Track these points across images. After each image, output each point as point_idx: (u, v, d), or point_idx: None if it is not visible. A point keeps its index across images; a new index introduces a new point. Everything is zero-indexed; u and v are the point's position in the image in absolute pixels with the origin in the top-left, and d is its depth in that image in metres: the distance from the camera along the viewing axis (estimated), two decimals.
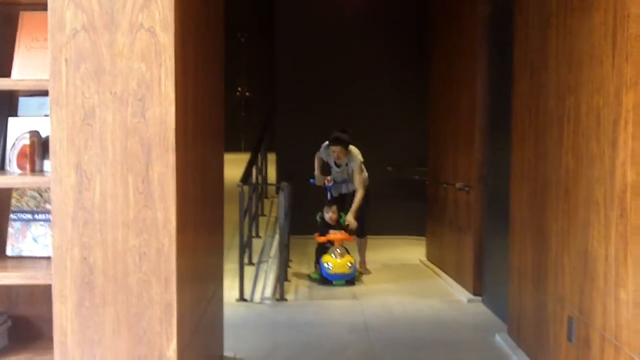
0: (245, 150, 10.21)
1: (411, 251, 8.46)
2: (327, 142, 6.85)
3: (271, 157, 9.68)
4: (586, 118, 3.20)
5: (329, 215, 6.76)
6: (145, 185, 2.41)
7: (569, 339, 3.42)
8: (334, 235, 6.64)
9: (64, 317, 2.44)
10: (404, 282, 6.80)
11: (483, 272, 5.77)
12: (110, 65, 2.39)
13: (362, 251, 7.10)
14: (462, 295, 6.02)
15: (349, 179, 6.95)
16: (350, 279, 6.44)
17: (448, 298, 6.05)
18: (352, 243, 6.93)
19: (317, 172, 7.11)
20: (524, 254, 4.26)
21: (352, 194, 6.89)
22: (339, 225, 6.78)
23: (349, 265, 6.44)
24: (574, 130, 3.37)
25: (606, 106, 2.97)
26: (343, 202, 7.05)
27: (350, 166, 6.84)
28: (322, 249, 6.64)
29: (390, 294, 6.15)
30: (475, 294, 5.89)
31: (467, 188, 6.13)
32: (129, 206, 2.41)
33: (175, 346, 2.44)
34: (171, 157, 2.41)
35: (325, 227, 6.78)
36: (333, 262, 6.42)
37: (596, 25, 3.09)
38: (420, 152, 8.40)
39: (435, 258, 7.52)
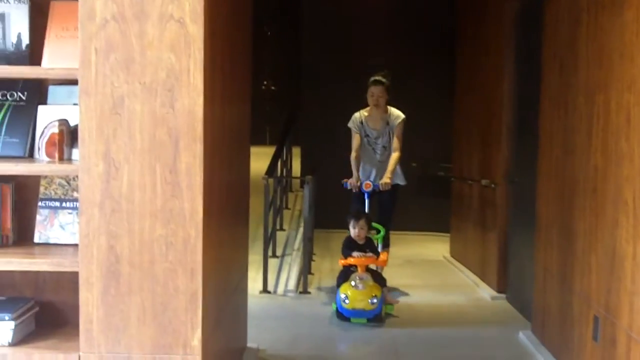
0: (271, 143, 10.25)
1: (434, 247, 8.44)
2: (358, 112, 5.78)
3: (296, 151, 9.69)
4: (616, 116, 3.16)
5: (356, 231, 5.23)
6: (172, 176, 2.42)
7: (594, 338, 3.39)
8: (358, 259, 5.09)
9: (90, 305, 2.46)
10: (427, 277, 6.78)
11: (508, 270, 5.73)
12: (140, 56, 2.40)
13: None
14: (485, 292, 6.00)
15: (388, 157, 5.63)
16: (373, 317, 4.91)
17: (472, 295, 6.02)
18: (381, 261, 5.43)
19: (354, 150, 5.70)
20: (550, 252, 4.22)
21: (388, 195, 5.63)
22: (369, 243, 5.30)
23: (372, 300, 4.87)
24: (603, 128, 3.33)
25: (637, 105, 2.93)
26: (379, 205, 5.71)
27: (390, 126, 5.65)
28: (346, 275, 5.14)
29: (413, 289, 6.13)
30: (499, 291, 5.86)
31: (493, 185, 6.09)
32: (157, 196, 2.43)
33: (200, 335, 2.46)
34: (199, 148, 2.42)
35: (349, 246, 5.25)
36: (352, 294, 4.90)
37: (628, 22, 3.05)
38: (445, 149, 8.35)
39: (459, 255, 7.48)
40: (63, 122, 2.61)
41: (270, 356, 4.19)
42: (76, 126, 2.62)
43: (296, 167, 9.73)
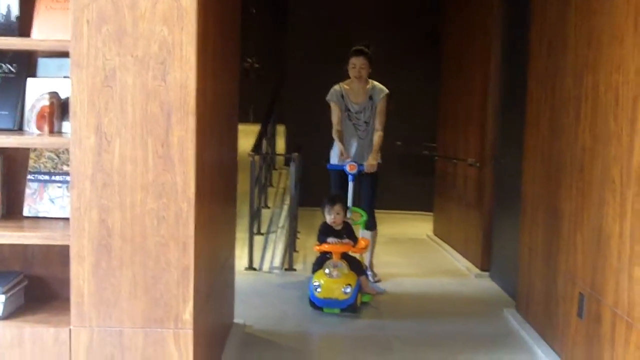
0: (254, 121, 10.19)
1: (418, 226, 8.49)
2: (337, 85, 5.48)
3: (280, 129, 9.67)
4: (604, 96, 3.18)
5: (332, 217, 4.94)
6: (164, 149, 2.42)
7: (579, 315, 3.44)
8: (333, 245, 4.82)
9: (80, 278, 2.46)
10: (412, 255, 6.83)
11: (492, 248, 5.78)
12: (132, 28, 2.39)
13: (370, 248, 5.46)
14: (469, 270, 6.05)
15: (370, 133, 5.38)
16: (346, 307, 4.64)
17: (456, 272, 6.08)
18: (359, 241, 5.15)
19: (336, 124, 5.40)
20: (535, 230, 4.27)
21: (371, 176, 5.36)
22: (346, 229, 5.02)
23: (346, 289, 4.61)
24: (592, 108, 3.35)
25: (625, 84, 2.95)
26: (359, 187, 5.41)
27: (374, 100, 5.36)
28: (321, 262, 4.87)
29: (398, 267, 6.17)
30: (482, 269, 5.91)
31: (478, 164, 6.12)
32: (148, 169, 2.42)
33: (191, 309, 2.47)
34: (191, 122, 2.42)
35: (325, 232, 4.97)
36: (325, 282, 4.65)
37: (618, 4, 3.06)
38: (429, 128, 8.37)
39: (443, 233, 7.53)
40: (54, 95, 2.59)
41: (258, 332, 4.21)
42: (66, 99, 2.61)
43: (280, 144, 9.71)
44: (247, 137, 6.88)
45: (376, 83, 5.43)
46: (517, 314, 4.59)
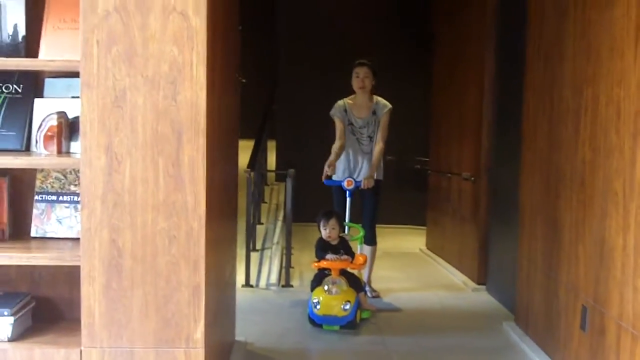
0: (243, 137, 10.20)
1: (411, 240, 8.50)
2: (341, 100, 5.50)
3: (270, 145, 9.67)
4: (605, 110, 3.22)
5: (327, 232, 4.91)
6: (175, 169, 2.42)
7: (582, 327, 3.45)
8: (331, 262, 4.80)
9: (91, 299, 2.45)
10: (406, 270, 6.83)
11: (488, 262, 5.80)
12: (142, 48, 2.39)
13: (369, 264, 5.44)
14: (465, 284, 6.06)
15: (372, 147, 5.38)
16: (346, 324, 4.62)
17: (452, 286, 6.09)
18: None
19: (338, 141, 5.39)
20: (534, 243, 4.29)
21: (372, 192, 5.36)
22: (342, 243, 4.99)
23: (345, 306, 4.60)
24: (592, 121, 3.38)
25: (627, 98, 2.98)
26: (362, 204, 5.42)
27: (378, 115, 5.39)
28: (320, 278, 4.86)
29: (394, 281, 6.18)
30: (479, 282, 5.92)
31: (472, 178, 6.15)
32: (159, 189, 2.42)
33: (202, 328, 2.47)
34: (202, 141, 2.42)
35: (322, 248, 4.92)
36: (324, 299, 4.63)
37: (618, 17, 3.11)
38: (421, 142, 8.41)
39: (436, 247, 7.55)
40: (62, 115, 2.59)
41: (259, 349, 4.20)
42: (74, 119, 2.61)
43: (270, 160, 9.71)
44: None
45: (380, 98, 5.48)
46: (516, 327, 4.60)
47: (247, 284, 5.73)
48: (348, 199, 5.35)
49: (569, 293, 3.68)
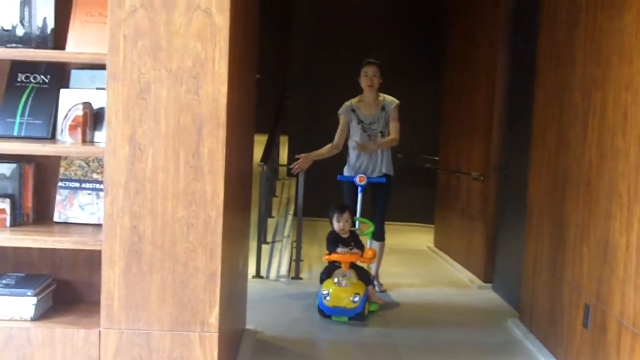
0: (256, 132, 10.30)
1: (418, 238, 8.60)
2: (348, 101, 5.65)
3: (282, 140, 9.77)
4: (613, 113, 3.30)
5: (340, 225, 5.06)
6: (195, 159, 2.52)
7: (585, 325, 3.54)
8: (342, 255, 4.94)
9: (111, 282, 2.55)
10: (413, 266, 6.93)
11: (495, 260, 5.88)
12: (167, 43, 2.49)
13: (377, 259, 5.55)
14: (472, 281, 6.15)
15: (383, 148, 5.49)
16: (355, 316, 4.77)
17: (458, 283, 6.18)
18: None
19: (337, 137, 5.61)
20: (541, 242, 4.38)
21: (383, 188, 5.51)
22: (353, 236, 5.14)
23: (354, 298, 4.74)
24: (599, 124, 3.47)
25: (634, 103, 3.06)
26: (372, 199, 5.56)
27: (387, 110, 5.51)
28: (330, 271, 5.01)
29: (401, 277, 6.27)
30: (485, 280, 6.01)
31: (481, 177, 6.23)
32: (179, 178, 2.52)
33: (217, 313, 2.57)
34: (221, 134, 2.52)
35: (333, 241, 5.08)
36: (334, 291, 4.77)
37: (627, 24, 3.18)
38: (430, 141, 8.49)
39: (443, 245, 7.64)
40: (87, 105, 2.69)
41: (269, 338, 4.30)
42: (99, 109, 2.72)
43: (282, 155, 9.81)
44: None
45: (386, 95, 5.60)
46: (520, 324, 4.69)
47: (258, 275, 5.85)
48: (359, 195, 5.46)
49: (572, 291, 3.76)
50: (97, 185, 2.81)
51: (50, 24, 2.72)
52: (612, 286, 3.22)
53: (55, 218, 2.83)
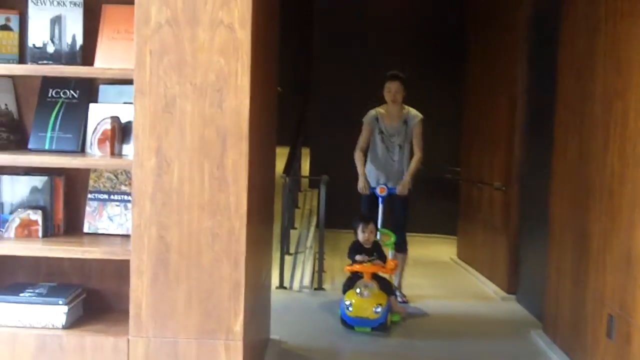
0: (278, 144, 10.39)
1: (441, 249, 8.60)
2: (373, 109, 5.66)
3: (304, 152, 9.85)
4: (634, 122, 3.31)
5: (365, 236, 5.10)
6: (219, 171, 2.58)
7: (609, 335, 3.54)
8: (364, 266, 4.96)
9: (139, 291, 2.62)
10: (437, 278, 6.93)
11: (518, 271, 5.88)
12: (192, 58, 2.56)
13: (399, 269, 5.60)
14: (495, 292, 6.15)
15: (403, 157, 5.56)
16: (377, 326, 4.78)
17: (482, 295, 6.18)
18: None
19: (359, 148, 5.61)
20: (563, 252, 4.38)
21: (403, 200, 5.53)
22: (375, 246, 5.19)
23: (377, 309, 4.76)
24: (621, 134, 3.48)
25: None
26: (391, 209, 5.58)
27: (410, 125, 5.55)
28: (352, 281, 5.05)
29: (424, 288, 6.29)
30: (509, 292, 6.00)
31: (503, 188, 6.24)
32: (204, 190, 2.58)
33: (242, 322, 2.62)
34: (245, 146, 2.58)
35: (355, 250, 5.12)
36: (356, 302, 4.79)
37: None
38: (452, 151, 8.50)
39: (467, 257, 7.63)
40: (115, 119, 2.77)
41: (293, 348, 4.35)
42: (126, 123, 2.79)
43: (305, 167, 9.88)
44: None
45: (411, 109, 5.65)
46: (544, 335, 4.68)
47: (281, 285, 5.90)
48: (380, 206, 5.51)
49: (595, 302, 3.76)
50: (125, 197, 2.88)
51: (79, 41, 2.80)
52: (636, 296, 3.23)
53: (85, 229, 2.90)
